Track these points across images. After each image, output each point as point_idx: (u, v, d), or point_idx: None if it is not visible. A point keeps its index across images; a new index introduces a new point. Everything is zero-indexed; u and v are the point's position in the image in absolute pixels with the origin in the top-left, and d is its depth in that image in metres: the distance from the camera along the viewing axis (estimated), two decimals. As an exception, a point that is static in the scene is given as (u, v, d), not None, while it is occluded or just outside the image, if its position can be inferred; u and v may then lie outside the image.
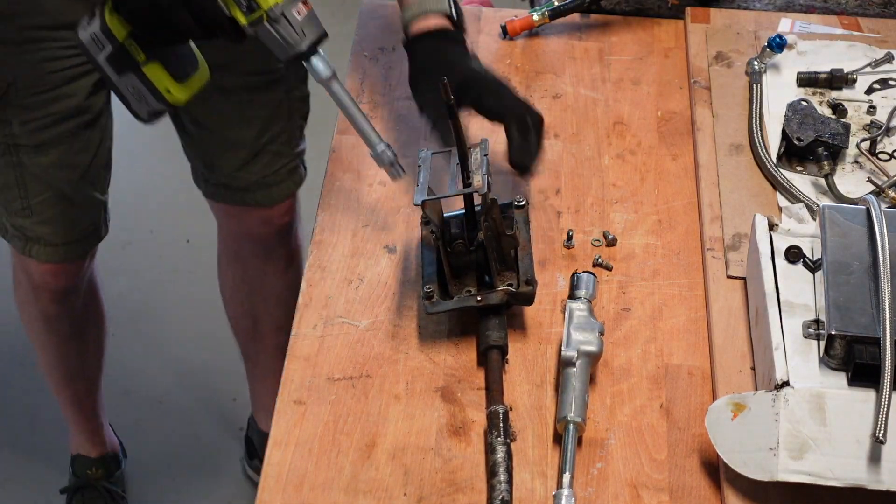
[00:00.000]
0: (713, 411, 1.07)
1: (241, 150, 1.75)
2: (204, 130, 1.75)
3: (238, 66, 1.63)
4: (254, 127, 1.72)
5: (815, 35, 1.63)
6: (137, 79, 1.26)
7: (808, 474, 1.03)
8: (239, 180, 1.79)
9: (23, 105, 1.57)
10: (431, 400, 1.18)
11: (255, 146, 1.74)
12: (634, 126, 1.52)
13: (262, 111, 1.72)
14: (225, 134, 1.74)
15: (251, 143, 1.73)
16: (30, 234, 1.72)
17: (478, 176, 1.19)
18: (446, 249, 1.20)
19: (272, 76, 1.69)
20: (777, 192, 1.38)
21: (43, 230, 1.70)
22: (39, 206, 1.67)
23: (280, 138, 1.75)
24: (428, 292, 1.20)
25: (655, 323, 1.26)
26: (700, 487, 1.10)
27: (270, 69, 1.68)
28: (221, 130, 1.73)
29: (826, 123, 1.41)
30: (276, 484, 1.11)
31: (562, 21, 1.67)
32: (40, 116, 1.58)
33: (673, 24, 1.69)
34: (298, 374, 1.20)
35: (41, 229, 1.70)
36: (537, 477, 1.11)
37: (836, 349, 1.06)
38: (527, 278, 1.20)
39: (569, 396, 1.13)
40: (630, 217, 1.38)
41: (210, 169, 1.81)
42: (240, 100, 1.69)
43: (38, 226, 1.70)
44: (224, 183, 1.81)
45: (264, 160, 1.76)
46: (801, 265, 1.18)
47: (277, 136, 1.75)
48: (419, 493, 1.10)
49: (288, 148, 1.78)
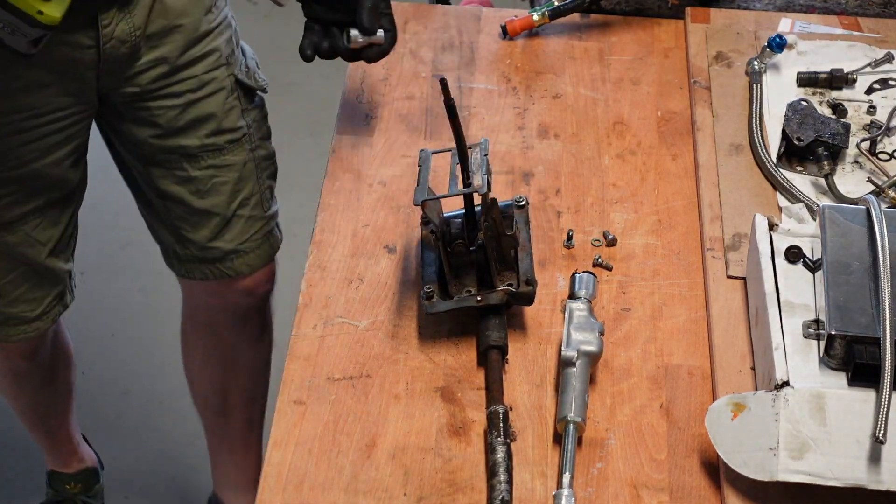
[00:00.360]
0: (713, 411, 1.07)
1: (212, 219, 1.66)
2: (171, 202, 1.66)
3: (200, 128, 1.58)
4: (223, 192, 1.65)
5: (815, 35, 1.63)
6: (5, 11, 1.16)
7: (808, 474, 1.03)
8: (213, 251, 1.70)
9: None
10: (431, 400, 1.18)
11: (227, 212, 1.66)
12: (634, 126, 1.52)
13: (230, 174, 1.64)
14: (193, 204, 1.65)
15: (222, 209, 1.65)
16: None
17: (478, 176, 1.19)
18: (446, 249, 1.20)
19: (235, 135, 1.62)
20: (777, 192, 1.38)
21: (11, 311, 1.63)
22: (7, 286, 1.59)
23: (250, 201, 1.68)
24: (428, 292, 1.20)
25: (655, 323, 1.26)
26: (700, 487, 1.10)
27: (234, 127, 1.62)
28: (190, 200, 1.64)
29: (826, 123, 1.41)
30: (276, 484, 1.11)
31: (562, 21, 1.67)
32: (11, 192, 1.50)
33: (673, 24, 1.69)
34: (298, 374, 1.20)
35: (9, 310, 1.62)
36: (537, 477, 1.11)
37: (836, 349, 1.06)
38: (527, 278, 1.20)
39: (569, 396, 1.13)
40: (630, 217, 1.38)
41: (182, 243, 1.71)
42: (206, 164, 1.62)
43: (6, 307, 1.62)
44: (198, 256, 1.71)
45: (237, 227, 1.68)
46: (801, 265, 1.18)
47: (248, 200, 1.67)
48: (419, 493, 1.10)
49: (260, 211, 1.70)
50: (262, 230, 1.71)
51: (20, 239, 1.55)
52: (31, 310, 1.64)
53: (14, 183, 1.49)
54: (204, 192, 1.63)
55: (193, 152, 1.60)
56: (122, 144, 1.64)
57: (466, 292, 1.21)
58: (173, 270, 1.78)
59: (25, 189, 1.51)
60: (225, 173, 1.63)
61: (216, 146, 1.61)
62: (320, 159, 1.53)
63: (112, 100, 1.53)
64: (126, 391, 2.51)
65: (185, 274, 1.76)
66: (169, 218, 1.68)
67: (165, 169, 1.61)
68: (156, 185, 1.64)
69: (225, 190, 1.64)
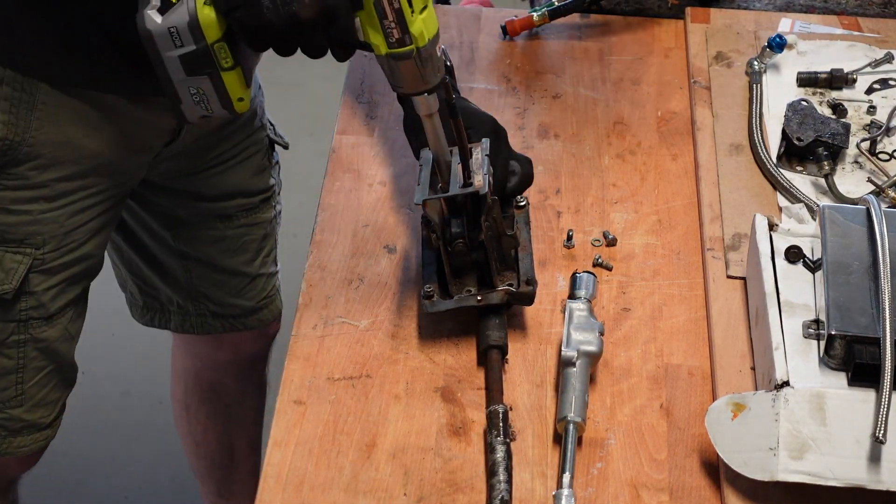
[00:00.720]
0: (713, 411, 1.07)
1: (236, 278, 1.61)
2: (193, 262, 1.58)
3: (239, 191, 1.54)
4: (250, 250, 1.60)
5: (815, 35, 1.63)
6: (211, 83, 1.08)
7: (808, 474, 1.03)
8: (232, 308, 1.64)
9: (48, 270, 1.36)
10: (431, 400, 1.18)
11: (252, 271, 1.62)
12: (634, 126, 1.52)
13: (259, 231, 1.60)
14: (221, 263, 1.59)
15: (248, 267, 1.61)
16: (13, 427, 1.46)
17: (479, 175, 1.19)
18: (447, 249, 1.20)
19: (267, 193, 1.59)
20: (777, 192, 1.38)
21: (29, 417, 1.46)
22: (33, 388, 1.44)
23: (269, 258, 1.64)
24: (428, 292, 1.20)
25: (655, 323, 1.26)
26: (700, 487, 1.10)
27: (267, 186, 1.58)
28: (218, 260, 1.58)
29: (826, 123, 1.41)
30: (276, 484, 1.11)
31: (562, 21, 1.67)
32: (59, 282, 1.38)
33: (673, 24, 1.69)
34: (298, 374, 1.20)
35: (27, 417, 1.46)
36: (537, 477, 1.11)
37: (836, 349, 1.06)
38: (527, 278, 1.20)
39: (569, 396, 1.13)
40: (630, 217, 1.38)
41: (195, 300, 1.63)
42: (239, 224, 1.57)
43: (26, 413, 1.46)
44: (215, 312, 1.64)
45: (259, 285, 1.64)
46: (801, 265, 1.18)
47: (268, 257, 1.64)
48: (419, 493, 1.10)
49: (274, 266, 1.67)
50: (274, 285, 1.68)
51: (59, 333, 1.43)
52: (47, 415, 1.49)
53: (64, 269, 1.38)
54: (233, 251, 1.58)
55: (231, 213, 1.56)
56: (147, 213, 1.55)
57: (466, 292, 1.21)
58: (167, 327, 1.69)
59: (71, 277, 1.40)
60: (254, 231, 1.59)
61: (251, 205, 1.57)
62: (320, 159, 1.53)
63: (149, 174, 1.45)
64: (126, 391, 2.51)
65: (189, 329, 1.67)
66: (187, 277, 1.61)
67: (196, 230, 1.55)
68: (181, 247, 1.57)
69: (252, 248, 1.60)
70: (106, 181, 1.35)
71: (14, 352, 1.40)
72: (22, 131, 1.24)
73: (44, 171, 1.28)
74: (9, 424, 1.45)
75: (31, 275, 1.34)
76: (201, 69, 1.07)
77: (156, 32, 1.05)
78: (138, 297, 1.70)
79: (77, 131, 1.28)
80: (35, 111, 1.24)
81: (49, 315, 1.39)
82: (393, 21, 1.03)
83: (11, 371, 1.41)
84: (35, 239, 1.32)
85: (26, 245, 1.32)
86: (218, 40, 1.05)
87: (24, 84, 1.22)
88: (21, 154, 1.26)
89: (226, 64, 1.07)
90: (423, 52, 1.06)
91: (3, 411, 1.44)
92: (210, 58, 1.06)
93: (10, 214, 1.29)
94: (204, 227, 1.56)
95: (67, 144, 1.28)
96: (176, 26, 1.04)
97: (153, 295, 1.67)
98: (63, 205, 1.32)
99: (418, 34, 1.04)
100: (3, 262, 1.32)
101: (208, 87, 1.09)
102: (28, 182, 1.28)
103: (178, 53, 1.05)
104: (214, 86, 1.09)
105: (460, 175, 1.19)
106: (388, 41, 1.04)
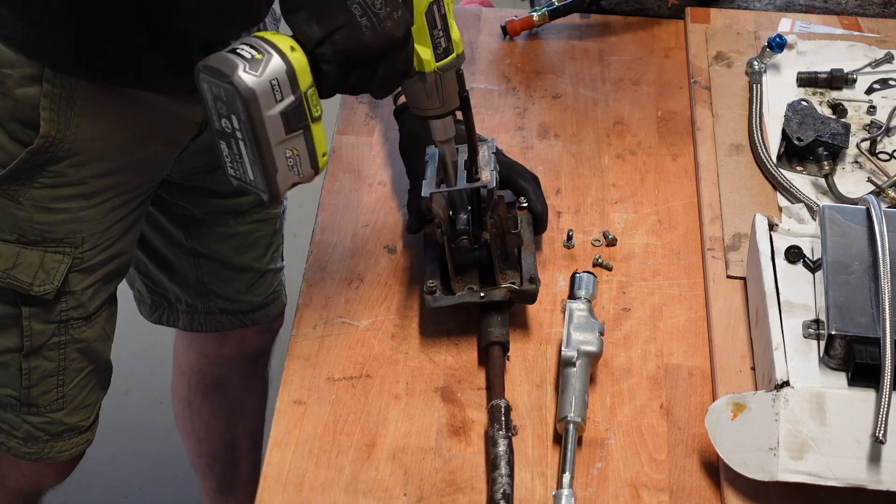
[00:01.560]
0: (713, 411, 1.07)
1: (246, 273, 1.60)
2: (205, 259, 1.57)
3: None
4: (261, 246, 1.59)
5: (815, 35, 1.63)
6: (304, 139, 1.04)
7: (808, 474, 1.03)
8: (240, 304, 1.63)
9: (87, 269, 1.35)
10: (431, 400, 1.18)
11: (262, 267, 1.61)
12: (634, 126, 1.52)
13: (268, 227, 1.59)
14: (232, 260, 1.57)
15: (258, 263, 1.60)
16: (55, 430, 1.44)
17: (486, 171, 1.19)
18: (450, 245, 1.19)
19: None
20: (777, 192, 1.38)
21: (70, 420, 1.44)
22: (73, 390, 1.43)
23: (277, 254, 1.63)
24: (430, 287, 1.20)
25: (655, 323, 1.26)
26: (700, 487, 1.10)
27: None
28: (229, 256, 1.57)
29: (826, 123, 1.41)
30: (276, 484, 1.11)
31: (562, 21, 1.67)
32: (97, 280, 1.37)
33: (673, 24, 1.69)
34: (298, 374, 1.20)
35: (69, 420, 1.44)
36: (537, 477, 1.11)
37: (836, 349, 1.06)
38: (530, 276, 1.21)
39: (569, 396, 1.13)
40: (630, 217, 1.38)
41: (204, 297, 1.62)
42: (251, 219, 1.55)
43: (67, 416, 1.44)
44: (223, 308, 1.63)
45: (267, 281, 1.63)
46: (801, 265, 1.18)
47: (276, 253, 1.63)
48: (419, 493, 1.10)
49: (281, 262, 1.66)
50: (280, 280, 1.68)
51: (97, 333, 1.42)
52: (87, 418, 1.47)
53: (101, 266, 1.36)
54: (244, 247, 1.57)
55: (244, 209, 1.54)
56: (161, 212, 1.54)
57: (469, 289, 1.21)
58: (175, 325, 1.68)
59: (107, 275, 1.38)
60: (265, 227, 1.58)
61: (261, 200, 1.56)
62: (320, 159, 1.53)
63: (170, 172, 1.43)
64: (126, 391, 2.51)
65: (197, 327, 1.66)
66: (196, 275, 1.60)
67: (209, 228, 1.54)
68: (193, 245, 1.56)
69: (263, 244, 1.59)
70: (138, 177, 1.35)
71: (55, 353, 1.38)
72: (63, 128, 1.23)
73: (82, 168, 1.27)
74: (50, 428, 1.43)
75: (70, 274, 1.32)
76: (297, 123, 1.03)
77: (259, 90, 0.99)
78: (146, 295, 1.69)
79: (114, 127, 1.27)
80: (75, 107, 1.23)
81: (88, 315, 1.38)
82: (441, 29, 1.05)
83: (52, 373, 1.39)
84: (74, 237, 1.31)
85: (66, 244, 1.31)
86: (310, 86, 1.02)
87: (63, 81, 1.21)
88: (62, 151, 1.25)
89: (316, 112, 1.03)
90: (459, 59, 1.09)
91: (44, 415, 1.42)
92: (304, 108, 1.02)
93: (50, 213, 1.29)
94: (217, 224, 1.54)
95: (105, 140, 1.27)
96: (276, 77, 1.00)
97: (161, 293, 1.67)
98: (100, 202, 1.31)
99: (457, 39, 1.07)
100: (44, 263, 1.31)
101: (301, 146, 1.04)
102: (68, 179, 1.27)
103: (279, 110, 1.01)
104: (306, 142, 1.04)
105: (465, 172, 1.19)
106: (435, 52, 1.06)
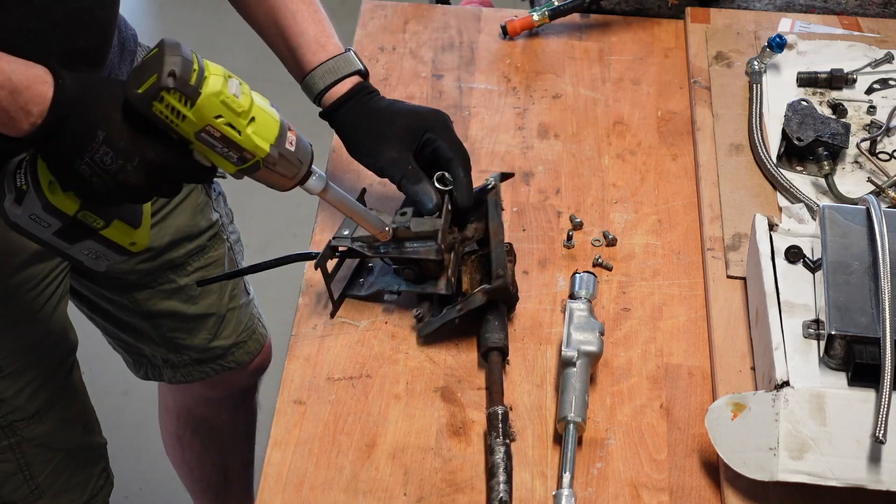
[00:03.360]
0: (713, 411, 1.07)
1: (208, 320, 1.59)
2: (161, 318, 1.56)
3: (182, 236, 1.50)
4: (215, 291, 1.57)
5: (815, 35, 1.63)
6: (96, 242, 1.12)
7: (808, 474, 1.03)
8: (213, 350, 1.62)
9: (14, 372, 1.34)
10: (431, 400, 1.18)
11: (222, 310, 1.59)
12: (634, 126, 1.52)
13: (215, 271, 1.57)
14: (188, 311, 1.57)
15: (217, 308, 1.58)
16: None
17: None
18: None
19: (214, 229, 1.55)
20: (777, 192, 1.38)
21: (60, 502, 1.46)
22: (48, 479, 1.43)
23: (237, 290, 1.61)
24: (418, 316, 1.22)
25: (655, 323, 1.26)
26: (700, 487, 1.10)
27: (211, 223, 1.54)
28: (183, 309, 1.56)
29: (826, 123, 1.41)
30: (276, 484, 1.11)
31: (562, 21, 1.67)
32: (32, 380, 1.36)
33: (673, 24, 1.69)
34: (298, 374, 1.20)
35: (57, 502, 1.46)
36: (537, 477, 1.11)
37: (836, 349, 1.06)
38: (498, 272, 1.20)
39: (569, 396, 1.13)
40: (630, 217, 1.38)
41: (177, 352, 1.61)
42: (193, 269, 1.54)
43: (53, 501, 1.45)
44: (197, 359, 1.63)
45: (233, 321, 1.62)
46: (801, 265, 1.18)
47: (235, 290, 1.61)
48: (419, 493, 1.10)
49: (245, 297, 1.64)
50: (251, 314, 1.66)
51: (51, 426, 1.40)
52: (79, 497, 1.49)
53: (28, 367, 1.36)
54: (196, 297, 1.56)
55: (180, 262, 1.53)
56: (96, 284, 1.53)
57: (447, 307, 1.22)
58: (161, 380, 1.68)
59: (43, 373, 1.38)
60: (212, 271, 1.57)
61: (200, 247, 1.54)
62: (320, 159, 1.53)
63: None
64: (126, 391, 2.51)
65: (181, 379, 1.66)
66: (159, 333, 1.59)
67: (151, 289, 1.53)
68: (141, 308, 1.55)
69: (215, 288, 1.58)
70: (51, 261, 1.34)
71: (10, 455, 1.39)
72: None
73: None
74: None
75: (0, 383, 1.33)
76: (80, 237, 1.11)
77: (21, 222, 1.09)
78: (126, 356, 1.69)
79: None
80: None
81: (31, 414, 1.38)
82: (224, 147, 1.04)
83: (16, 472, 1.40)
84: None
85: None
86: (79, 210, 1.08)
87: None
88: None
89: (98, 225, 1.10)
90: (268, 159, 1.07)
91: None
92: (82, 226, 1.10)
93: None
94: (157, 283, 1.52)
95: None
96: (34, 212, 1.08)
97: (138, 352, 1.66)
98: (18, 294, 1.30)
99: (253, 147, 1.05)
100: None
101: (95, 246, 1.12)
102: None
103: (51, 232, 1.09)
104: (100, 242, 1.12)
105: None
106: (230, 162, 1.06)
